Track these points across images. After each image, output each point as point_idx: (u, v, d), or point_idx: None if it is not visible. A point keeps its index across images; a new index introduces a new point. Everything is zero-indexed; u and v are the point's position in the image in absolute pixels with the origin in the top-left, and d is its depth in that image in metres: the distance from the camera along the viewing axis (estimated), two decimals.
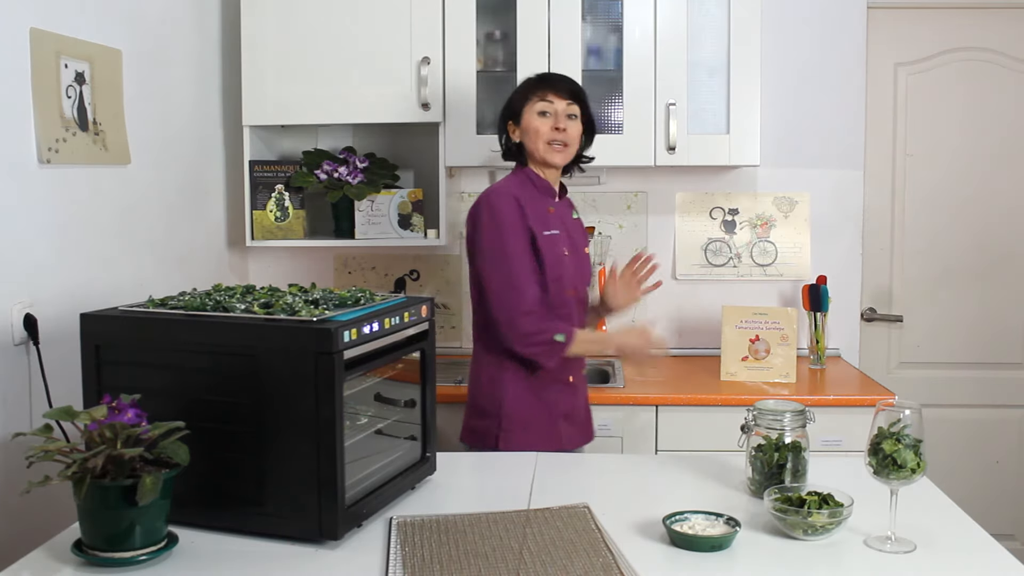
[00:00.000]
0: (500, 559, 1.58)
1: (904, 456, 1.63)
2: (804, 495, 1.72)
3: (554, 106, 2.44)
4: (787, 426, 1.88)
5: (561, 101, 2.45)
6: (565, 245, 2.49)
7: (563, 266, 2.46)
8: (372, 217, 3.21)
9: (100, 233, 2.41)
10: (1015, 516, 3.58)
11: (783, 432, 1.87)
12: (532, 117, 2.44)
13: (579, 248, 2.57)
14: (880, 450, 1.65)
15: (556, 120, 2.44)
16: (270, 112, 3.14)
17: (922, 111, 3.53)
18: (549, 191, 2.51)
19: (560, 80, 2.51)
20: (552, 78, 2.53)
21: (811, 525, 1.66)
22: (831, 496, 1.71)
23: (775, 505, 1.69)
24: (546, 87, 2.47)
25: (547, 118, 2.44)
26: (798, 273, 3.48)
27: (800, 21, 3.42)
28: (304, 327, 1.63)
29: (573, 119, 2.46)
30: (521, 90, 2.51)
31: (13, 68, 2.06)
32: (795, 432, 1.88)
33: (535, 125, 2.44)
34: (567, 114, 2.45)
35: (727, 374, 3.10)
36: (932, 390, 3.54)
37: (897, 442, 1.64)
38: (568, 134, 2.45)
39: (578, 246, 2.57)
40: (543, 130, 2.43)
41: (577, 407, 2.56)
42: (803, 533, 1.67)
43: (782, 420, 1.88)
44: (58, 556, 1.60)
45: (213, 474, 1.68)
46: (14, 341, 2.05)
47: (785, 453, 1.85)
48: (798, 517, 1.66)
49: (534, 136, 2.44)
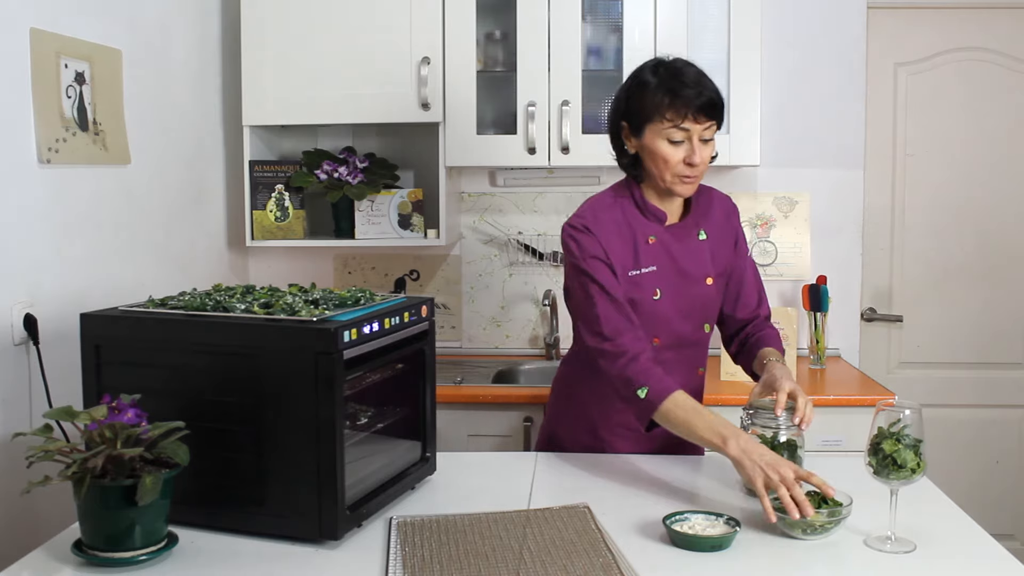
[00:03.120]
0: (500, 559, 1.57)
1: (904, 456, 1.63)
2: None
3: (690, 132, 1.97)
4: (782, 425, 1.88)
5: (698, 125, 1.97)
6: (661, 284, 2.07)
7: (646, 314, 2.05)
8: (372, 217, 3.21)
9: (100, 233, 2.41)
10: (1015, 516, 3.58)
11: (778, 431, 1.87)
12: (659, 142, 1.98)
13: (691, 283, 2.10)
14: (880, 450, 1.65)
15: (691, 152, 1.97)
16: (270, 112, 3.14)
17: (922, 111, 3.53)
18: (658, 215, 2.09)
19: (697, 93, 1.96)
20: (688, 92, 1.95)
21: (810, 524, 1.65)
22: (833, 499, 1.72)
23: (775, 505, 1.69)
24: (682, 107, 1.95)
25: (680, 147, 1.98)
26: (798, 273, 3.48)
27: (800, 21, 3.42)
28: (304, 327, 1.63)
29: (708, 142, 2.01)
30: (647, 99, 1.99)
31: (13, 68, 2.06)
32: (790, 431, 1.88)
33: (663, 152, 1.98)
34: (703, 138, 1.99)
35: (727, 374, 3.10)
36: (932, 390, 3.54)
37: (897, 442, 1.64)
38: (703, 160, 1.99)
39: (691, 279, 2.10)
40: (673, 161, 1.99)
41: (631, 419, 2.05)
42: (802, 532, 1.67)
43: (777, 419, 1.88)
44: (58, 556, 1.60)
45: (213, 474, 1.68)
46: (14, 341, 2.05)
47: (780, 452, 1.85)
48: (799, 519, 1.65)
49: (661, 164, 2.00)
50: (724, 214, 2.19)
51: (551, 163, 3.13)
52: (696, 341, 2.16)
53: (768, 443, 1.86)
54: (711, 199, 2.19)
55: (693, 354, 2.17)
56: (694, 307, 2.12)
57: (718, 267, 2.15)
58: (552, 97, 3.09)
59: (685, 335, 2.12)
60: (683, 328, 2.11)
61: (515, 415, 2.85)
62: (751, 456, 1.76)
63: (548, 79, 3.09)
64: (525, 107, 3.09)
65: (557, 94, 3.08)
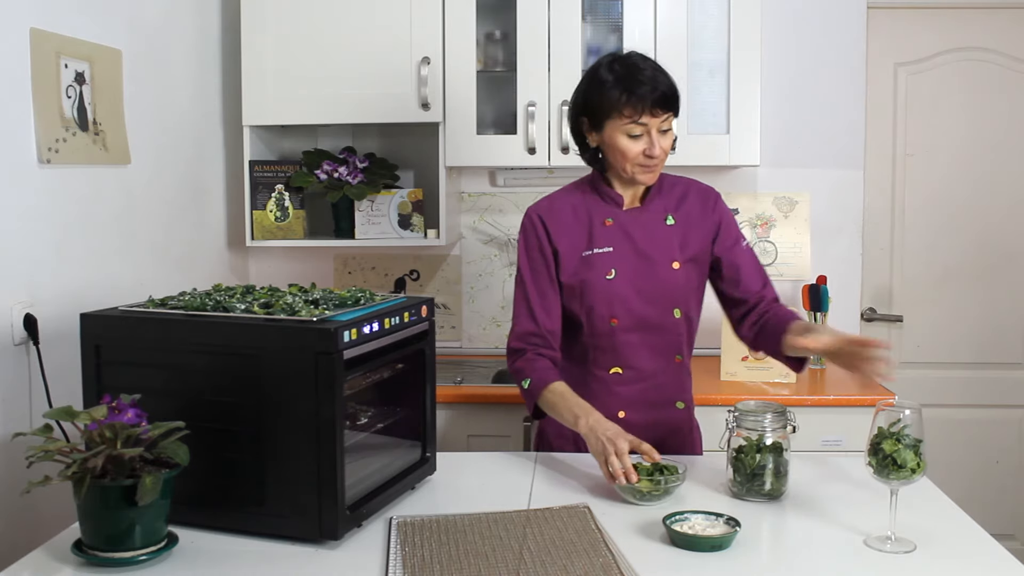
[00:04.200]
0: (500, 559, 1.57)
1: (904, 456, 1.63)
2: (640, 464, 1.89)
3: (648, 126, 2.03)
4: (768, 427, 1.86)
5: (656, 119, 2.03)
6: (617, 264, 2.12)
7: (599, 294, 2.11)
8: (372, 217, 3.21)
9: (100, 233, 2.41)
10: (1015, 516, 3.58)
11: (764, 433, 1.86)
12: (619, 137, 2.04)
13: (653, 266, 2.13)
14: (880, 450, 1.65)
15: (650, 145, 2.03)
16: (270, 112, 3.14)
17: (922, 111, 3.53)
18: (616, 199, 2.15)
19: (652, 88, 2.01)
20: (643, 89, 2.00)
21: (637, 490, 1.83)
22: (670, 467, 1.88)
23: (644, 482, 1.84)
24: (638, 103, 2.00)
25: (639, 140, 2.04)
26: (798, 273, 3.48)
27: (800, 21, 3.42)
28: (304, 327, 1.63)
29: (666, 132, 2.07)
30: (605, 96, 2.04)
31: (13, 68, 2.06)
32: (776, 433, 1.87)
33: (623, 147, 2.04)
34: (661, 129, 2.05)
35: (727, 374, 3.10)
36: (932, 390, 3.54)
37: (897, 442, 1.64)
38: (663, 150, 2.06)
39: (653, 262, 2.13)
40: (632, 154, 2.04)
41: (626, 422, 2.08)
42: (634, 497, 1.84)
43: (763, 421, 1.87)
44: (58, 556, 1.60)
45: (213, 474, 1.68)
46: (14, 341, 2.05)
47: (766, 454, 1.84)
48: (628, 485, 1.83)
49: (621, 158, 2.06)
50: (701, 203, 2.20)
51: (551, 163, 3.13)
52: (665, 326, 2.15)
53: (754, 445, 1.85)
54: (687, 189, 2.21)
55: (664, 340, 2.16)
56: (658, 290, 2.13)
57: (687, 253, 2.15)
58: (552, 97, 3.09)
59: (649, 318, 2.13)
60: (646, 311, 2.12)
61: (515, 415, 2.85)
62: (596, 432, 1.93)
63: (548, 79, 3.09)
64: (525, 107, 3.09)
65: (557, 94, 3.08)
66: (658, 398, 2.18)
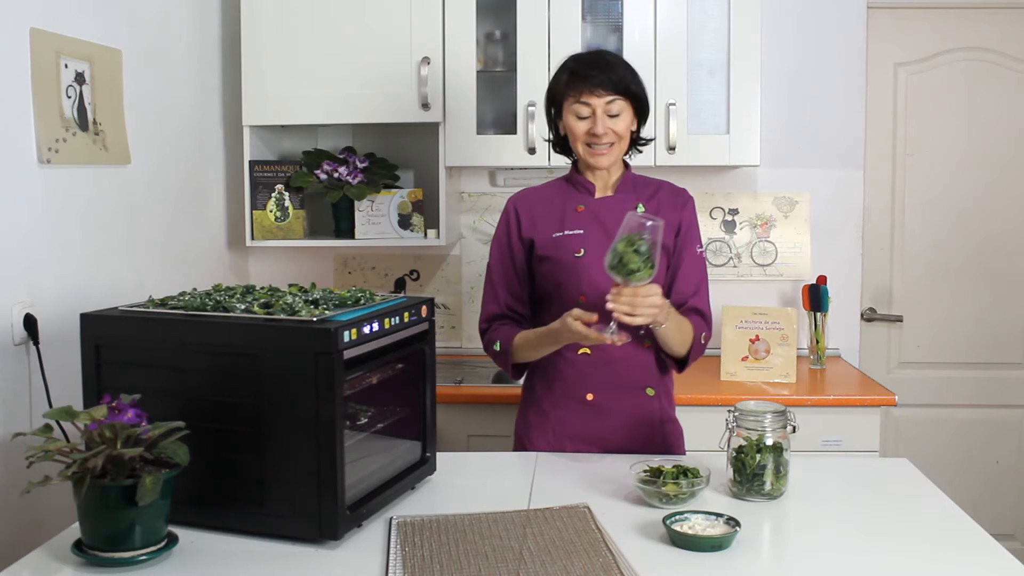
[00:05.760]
0: (500, 559, 1.58)
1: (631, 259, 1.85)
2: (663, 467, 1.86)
3: (591, 107, 2.13)
4: (768, 427, 1.86)
5: (599, 99, 2.12)
6: (587, 244, 2.19)
7: (568, 271, 2.19)
8: (372, 217, 3.21)
9: (100, 233, 2.41)
10: (1015, 516, 3.58)
11: (764, 433, 1.86)
12: (570, 118, 2.17)
13: None
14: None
15: (594, 124, 2.13)
16: (270, 112, 3.14)
17: (922, 111, 3.53)
18: (588, 187, 2.25)
19: (596, 72, 2.13)
20: (586, 71, 2.14)
21: (665, 495, 1.80)
22: (693, 470, 1.85)
23: (640, 477, 1.83)
24: (579, 82, 2.14)
25: (585, 121, 2.15)
26: (798, 273, 3.48)
27: (800, 21, 3.42)
28: (304, 327, 1.63)
29: (616, 116, 2.14)
30: (559, 80, 2.20)
31: (13, 68, 2.06)
32: (776, 433, 1.87)
33: (571, 126, 2.17)
34: (608, 113, 2.14)
35: (727, 374, 3.10)
36: (932, 390, 3.54)
37: (636, 253, 1.86)
38: (612, 134, 2.15)
39: None
40: (579, 132, 2.16)
41: (603, 428, 2.21)
42: (659, 502, 1.81)
43: (763, 421, 1.87)
44: (58, 556, 1.60)
45: (213, 474, 1.68)
46: (14, 341, 2.05)
47: (766, 454, 1.85)
48: (653, 487, 1.80)
49: (572, 138, 2.19)
50: (672, 199, 2.29)
51: (551, 163, 3.12)
52: None
53: (754, 445, 1.85)
54: (660, 186, 2.31)
55: None
56: None
57: None
58: None
59: None
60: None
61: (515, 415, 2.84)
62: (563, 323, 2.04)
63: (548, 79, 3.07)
64: (525, 107, 3.09)
65: None
66: (625, 382, 2.23)
